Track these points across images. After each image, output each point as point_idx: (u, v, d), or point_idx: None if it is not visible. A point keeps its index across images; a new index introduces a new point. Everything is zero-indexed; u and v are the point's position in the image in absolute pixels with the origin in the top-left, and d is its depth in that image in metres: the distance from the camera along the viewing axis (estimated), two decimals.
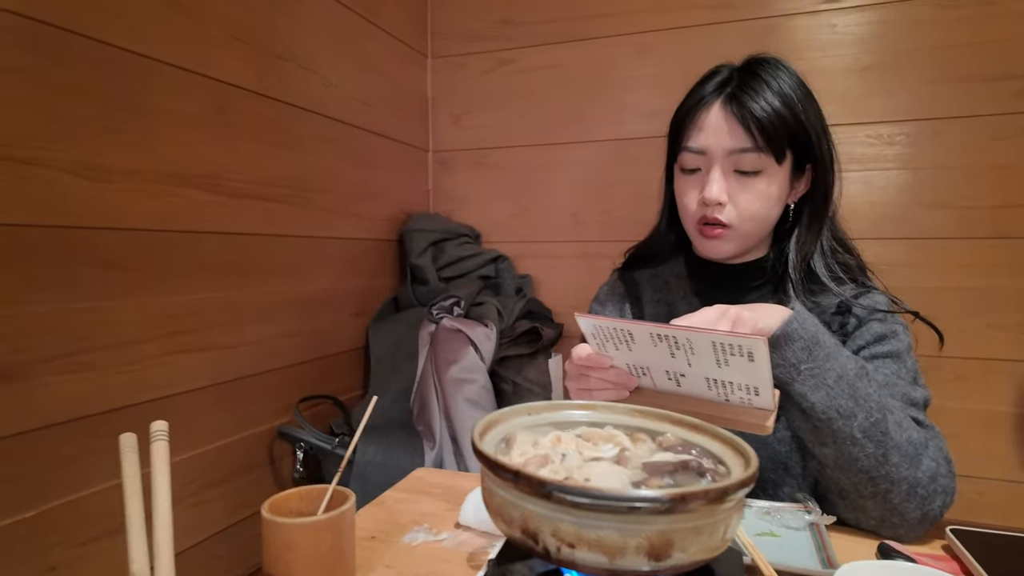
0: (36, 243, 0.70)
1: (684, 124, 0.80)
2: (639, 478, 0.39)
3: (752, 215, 0.77)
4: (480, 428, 0.43)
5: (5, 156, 0.67)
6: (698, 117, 0.78)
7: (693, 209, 0.80)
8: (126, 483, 0.46)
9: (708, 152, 0.77)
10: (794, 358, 0.63)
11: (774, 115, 0.73)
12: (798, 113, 0.75)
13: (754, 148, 0.74)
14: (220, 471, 0.97)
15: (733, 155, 0.75)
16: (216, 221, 0.94)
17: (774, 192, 0.77)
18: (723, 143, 0.76)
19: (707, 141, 0.77)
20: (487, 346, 1.22)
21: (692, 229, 0.82)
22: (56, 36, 0.71)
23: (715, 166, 0.76)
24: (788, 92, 0.75)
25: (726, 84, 0.78)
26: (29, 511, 0.70)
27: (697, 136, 0.78)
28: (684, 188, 0.81)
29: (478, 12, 1.52)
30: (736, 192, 0.76)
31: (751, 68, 0.78)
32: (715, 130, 0.76)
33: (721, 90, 0.77)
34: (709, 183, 0.76)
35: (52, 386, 0.72)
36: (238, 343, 0.99)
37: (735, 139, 0.75)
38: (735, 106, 0.75)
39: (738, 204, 0.76)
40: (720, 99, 0.77)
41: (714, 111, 0.77)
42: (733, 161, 0.76)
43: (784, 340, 0.63)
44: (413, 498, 0.75)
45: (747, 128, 0.74)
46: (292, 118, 1.10)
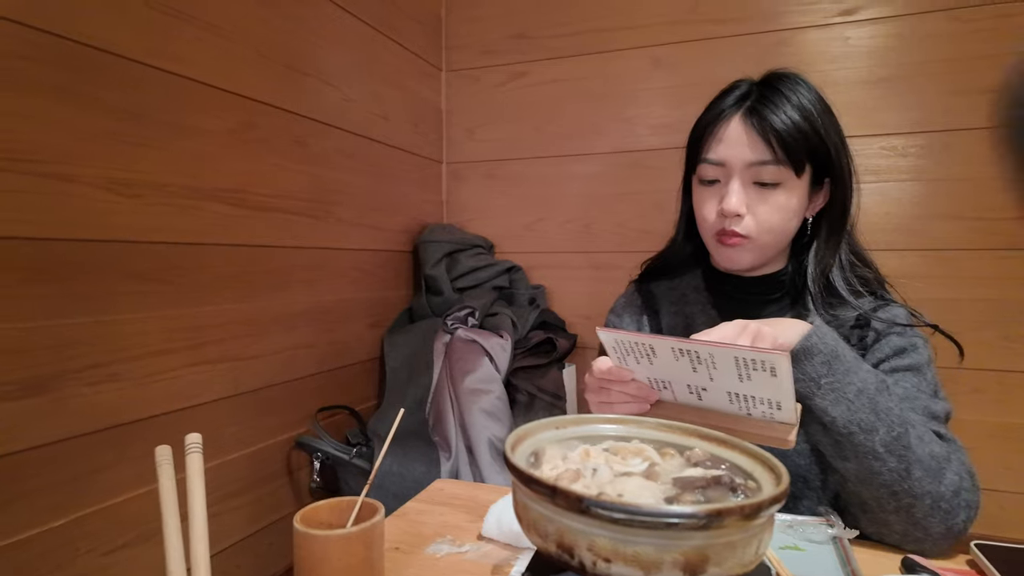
0: (70, 257, 0.72)
1: (703, 136, 0.81)
2: (671, 493, 0.40)
3: (770, 227, 0.77)
4: (511, 442, 0.44)
5: (41, 172, 0.69)
6: (718, 129, 0.78)
7: (711, 220, 0.80)
8: (163, 496, 0.47)
9: (727, 164, 0.78)
10: (814, 372, 0.63)
11: (794, 128, 0.74)
12: (817, 127, 0.76)
13: (774, 161, 0.75)
14: (240, 481, 0.98)
15: (752, 167, 0.76)
16: (240, 234, 0.96)
17: (792, 205, 0.77)
18: (743, 155, 0.76)
19: (727, 153, 0.77)
20: (502, 357, 1.23)
21: (710, 240, 0.82)
22: (89, 55, 0.73)
23: (734, 178, 0.77)
24: (808, 106, 0.76)
25: (746, 97, 0.78)
26: (60, 519, 0.72)
27: (717, 148, 0.78)
28: (702, 199, 0.82)
29: (492, 27, 1.54)
30: (755, 204, 0.77)
31: (771, 82, 0.79)
32: (735, 142, 0.77)
33: (741, 103, 0.78)
34: (728, 195, 0.77)
35: (83, 396, 0.74)
36: (259, 354, 1.01)
37: (755, 151, 0.75)
38: (755, 119, 0.75)
39: (757, 216, 0.77)
40: (740, 112, 0.77)
41: (734, 123, 0.77)
42: (752, 173, 0.76)
43: (804, 354, 0.63)
44: (435, 509, 0.76)
45: (767, 141, 0.74)
46: (314, 132, 1.12)
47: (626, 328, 0.95)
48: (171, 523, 0.46)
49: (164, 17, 0.82)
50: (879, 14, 1.23)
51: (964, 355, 0.79)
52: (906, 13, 1.21)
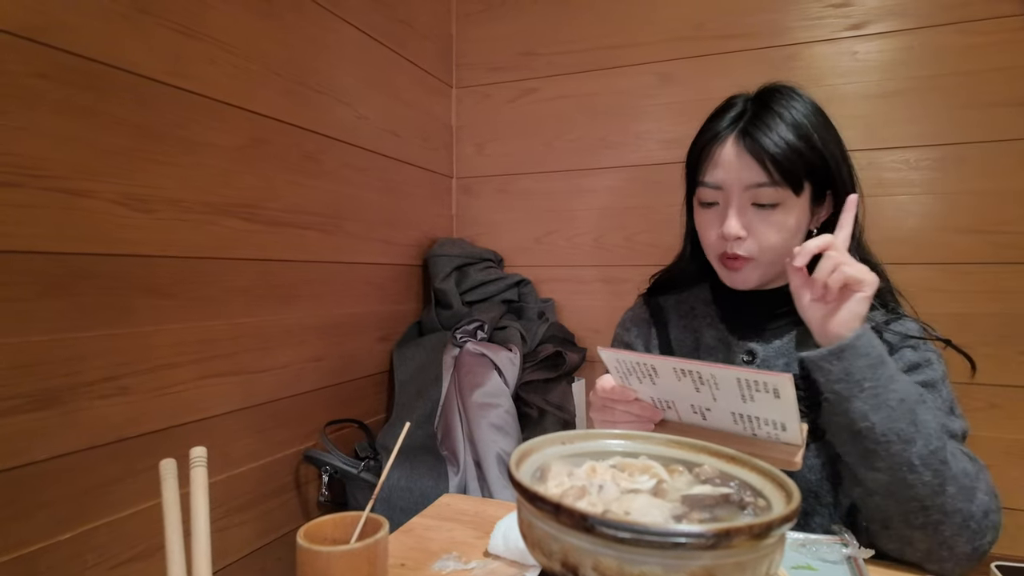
0: (85, 271, 0.73)
1: (700, 159, 0.80)
2: (679, 512, 0.39)
3: (772, 246, 0.77)
4: (516, 458, 0.44)
5: (58, 188, 0.70)
6: (713, 152, 0.78)
7: (713, 242, 0.81)
8: (167, 510, 0.47)
9: (725, 187, 0.77)
10: (859, 374, 0.63)
11: (788, 149, 0.73)
12: (814, 143, 0.75)
13: (770, 183, 0.74)
14: (247, 495, 0.98)
15: (750, 190, 0.76)
16: (251, 248, 0.97)
17: (792, 223, 0.77)
18: (739, 178, 0.76)
19: (723, 177, 0.77)
20: (511, 370, 1.22)
21: (715, 262, 0.83)
22: (107, 74, 0.75)
23: (732, 202, 0.77)
24: (802, 122, 0.75)
25: (739, 118, 0.78)
26: (68, 532, 0.72)
27: (713, 172, 0.78)
28: (704, 222, 0.82)
29: (501, 44, 1.56)
30: (755, 225, 0.77)
31: (764, 100, 0.78)
32: (730, 166, 0.76)
33: (735, 124, 0.77)
34: (728, 219, 0.77)
35: (94, 409, 0.74)
36: (269, 367, 1.01)
37: (751, 174, 0.75)
38: (748, 141, 0.75)
39: (758, 236, 0.77)
40: (734, 134, 0.77)
41: (728, 146, 0.77)
42: (750, 195, 0.76)
43: (851, 353, 0.63)
44: (442, 525, 0.75)
45: (762, 164, 0.74)
46: (326, 149, 1.13)
47: (634, 341, 0.95)
48: (174, 537, 0.46)
49: (179, 36, 0.84)
50: (888, 28, 1.23)
51: (976, 370, 0.78)
52: (916, 27, 1.21)
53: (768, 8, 1.31)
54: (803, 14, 1.28)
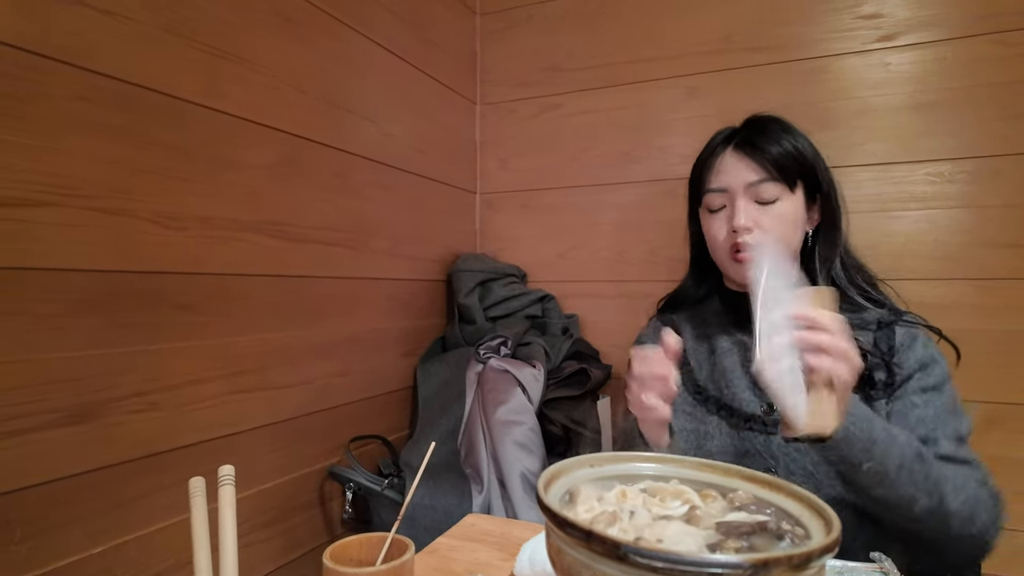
0: (119, 288, 0.75)
1: (703, 171, 0.91)
2: (714, 540, 0.38)
3: (778, 237, 0.84)
4: (544, 481, 0.43)
5: (95, 207, 0.72)
6: (715, 163, 0.89)
7: (722, 240, 0.88)
8: (195, 528, 0.47)
9: (730, 189, 0.86)
10: (854, 459, 0.65)
11: (782, 151, 0.85)
12: (803, 152, 0.86)
13: (770, 178, 0.84)
14: (273, 511, 0.98)
15: (752, 187, 0.85)
16: (280, 265, 0.98)
17: (791, 215, 0.85)
18: (742, 178, 0.85)
19: (727, 180, 0.87)
20: (535, 387, 1.21)
21: (725, 259, 0.88)
22: (141, 95, 0.77)
23: (738, 199, 0.85)
24: (791, 136, 0.87)
25: (734, 135, 0.89)
26: (100, 546, 0.73)
27: (717, 178, 0.88)
28: (712, 225, 0.90)
29: (525, 61, 1.57)
30: (760, 218, 0.85)
31: (753, 122, 0.90)
32: (732, 169, 0.86)
33: (730, 140, 0.89)
34: (736, 213, 0.85)
35: (126, 424, 0.75)
36: (295, 382, 1.02)
37: (752, 173, 0.85)
38: (747, 148, 0.86)
39: (764, 228, 0.84)
40: (731, 146, 0.88)
41: (728, 155, 0.88)
42: (753, 193, 0.85)
43: (844, 443, 0.65)
44: (467, 546, 0.74)
45: (761, 163, 0.84)
46: (353, 166, 1.14)
47: None
48: (202, 556, 0.46)
49: (210, 57, 0.86)
50: (920, 39, 1.20)
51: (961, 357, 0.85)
52: (949, 38, 1.18)
53: (797, 20, 1.30)
54: (833, 26, 1.27)
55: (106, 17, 0.73)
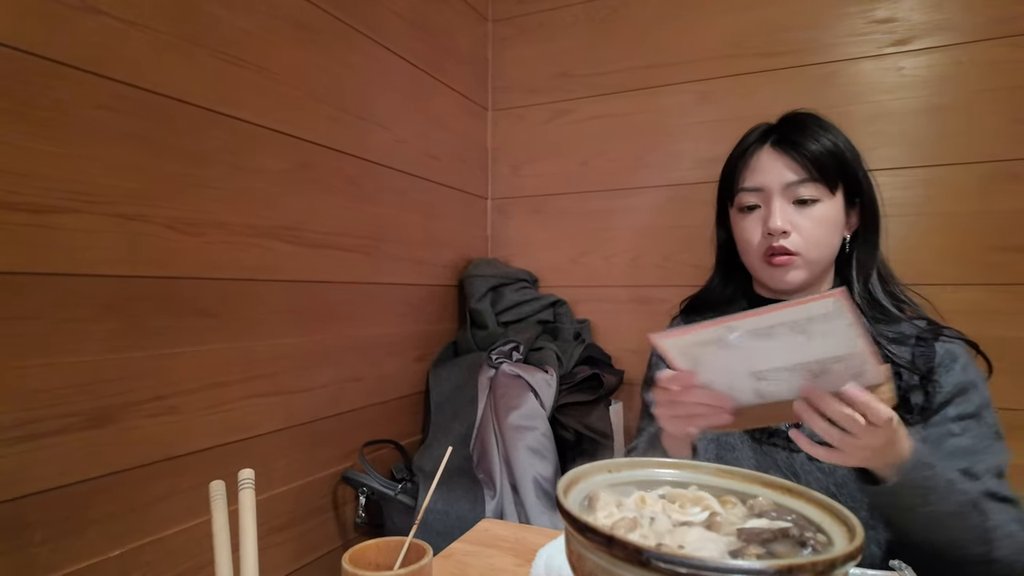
0: (138, 293, 0.75)
1: (736, 168, 0.86)
2: (735, 546, 0.38)
3: (816, 241, 0.80)
4: (563, 486, 0.43)
5: (115, 213, 0.73)
6: (750, 161, 0.84)
7: (757, 243, 0.83)
8: (216, 531, 0.47)
9: (765, 188, 0.82)
10: (910, 503, 0.62)
11: (824, 150, 0.79)
12: (844, 151, 0.81)
13: (810, 178, 0.79)
14: (287, 515, 0.98)
15: (790, 187, 0.80)
16: (294, 270, 0.99)
17: (831, 218, 0.80)
18: (780, 177, 0.80)
19: (763, 178, 0.82)
20: (547, 392, 1.21)
21: (759, 263, 0.83)
22: (161, 103, 0.78)
23: (774, 198, 0.81)
24: (831, 135, 0.81)
25: (770, 132, 0.84)
26: (117, 549, 0.73)
27: (752, 176, 0.83)
28: (745, 226, 0.84)
29: (537, 67, 1.57)
30: (797, 220, 0.80)
31: (791, 118, 0.85)
32: (769, 168, 0.82)
33: (766, 137, 0.84)
34: (772, 214, 0.80)
35: (144, 428, 0.76)
36: (309, 387, 1.02)
37: (790, 173, 0.80)
38: (785, 145, 0.81)
39: (801, 231, 0.80)
40: (768, 143, 0.83)
41: (765, 152, 0.83)
42: (790, 193, 0.80)
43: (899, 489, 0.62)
44: (482, 551, 0.74)
45: (801, 161, 0.79)
46: (366, 172, 1.15)
47: None
48: (223, 559, 0.46)
49: (227, 65, 0.87)
50: (935, 43, 1.20)
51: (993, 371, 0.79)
52: (964, 41, 1.18)
53: (810, 25, 1.30)
54: (846, 30, 1.26)
55: (129, 27, 0.74)
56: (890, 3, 1.23)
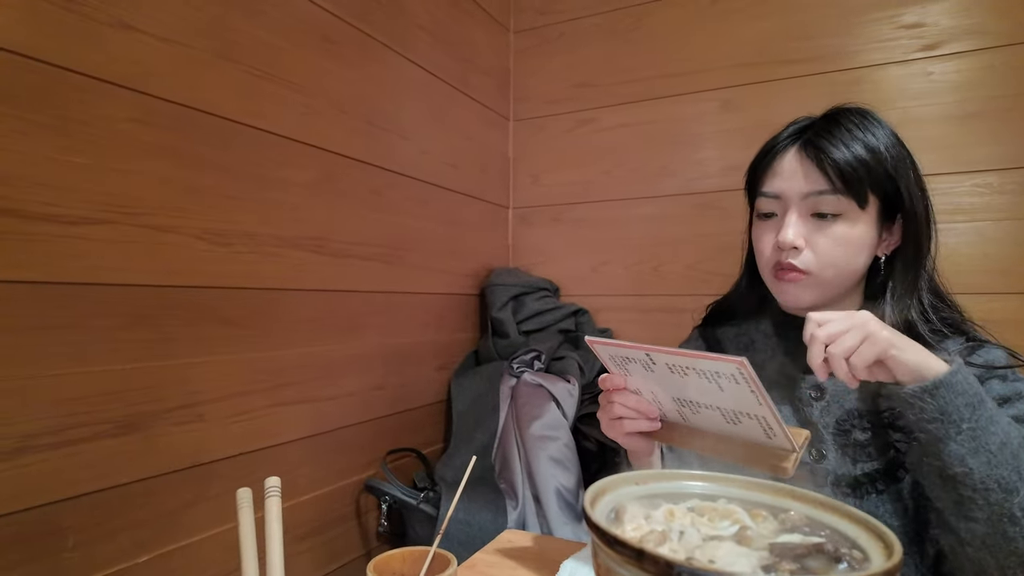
0: (168, 302, 0.77)
1: (759, 170, 0.79)
2: (768, 561, 0.37)
3: (832, 261, 0.73)
4: (589, 498, 0.42)
5: (147, 224, 0.75)
6: (774, 163, 0.77)
7: (768, 254, 0.77)
8: (243, 537, 0.48)
9: (783, 196, 0.75)
10: (956, 414, 0.57)
11: (853, 159, 0.71)
12: (882, 159, 0.71)
13: (831, 190, 0.71)
14: (311, 523, 0.99)
15: (810, 198, 0.73)
16: (319, 279, 1.00)
17: (856, 237, 0.73)
18: (799, 186, 0.74)
19: (783, 185, 0.75)
20: (569, 402, 1.20)
21: (768, 277, 0.79)
22: (192, 116, 0.80)
23: (791, 209, 0.74)
24: (871, 137, 0.72)
25: (804, 131, 0.76)
26: (145, 555, 0.74)
27: (773, 181, 0.76)
28: (760, 234, 0.79)
29: (558, 77, 1.58)
30: (814, 236, 0.73)
31: (833, 116, 0.76)
32: (791, 174, 0.74)
33: (798, 136, 0.76)
34: (784, 227, 0.74)
35: (172, 436, 0.77)
36: (333, 395, 1.03)
37: (811, 182, 0.73)
38: (811, 150, 0.73)
39: (816, 249, 0.73)
40: (796, 144, 0.75)
41: (790, 156, 0.75)
42: (810, 204, 0.73)
43: (947, 390, 0.58)
44: (505, 563, 0.73)
45: (823, 171, 0.71)
46: (390, 183, 1.16)
47: None
48: (250, 566, 0.46)
49: (255, 79, 0.89)
50: (964, 47, 1.18)
51: None
52: (996, 45, 1.15)
53: (834, 32, 1.28)
54: (872, 36, 1.25)
55: (161, 43, 0.76)
56: (918, 8, 1.21)
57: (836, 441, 0.75)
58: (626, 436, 0.69)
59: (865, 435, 0.74)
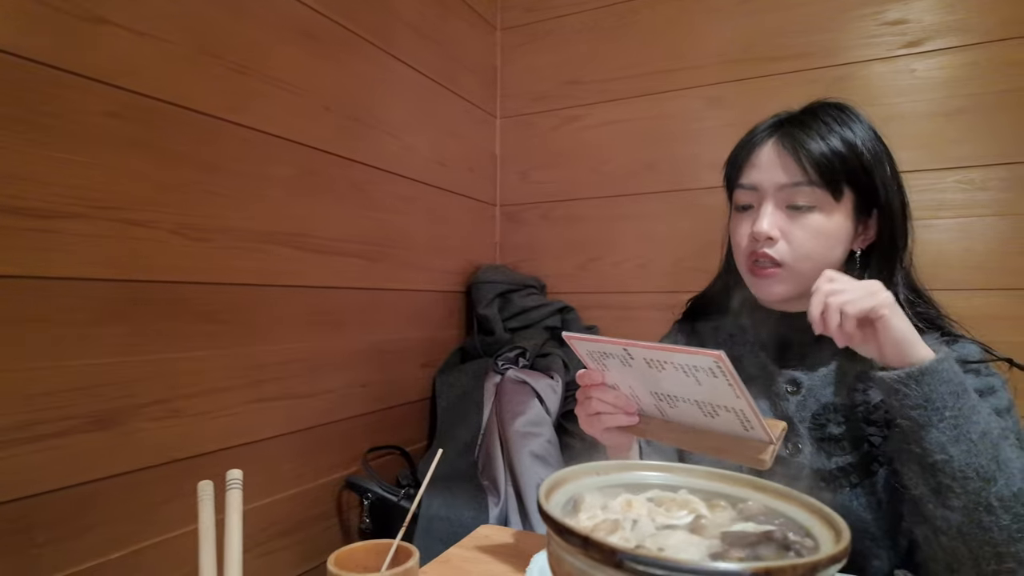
0: (143, 297, 0.77)
1: (737, 162, 0.80)
2: (718, 549, 0.37)
3: (807, 253, 0.73)
4: (546, 488, 0.42)
5: (121, 219, 0.74)
6: (752, 155, 0.77)
7: (744, 245, 0.78)
8: (202, 532, 0.48)
9: (760, 188, 0.76)
10: (940, 401, 0.58)
11: (829, 151, 0.71)
12: (859, 153, 0.72)
13: (806, 182, 0.72)
14: (291, 520, 0.99)
15: (785, 189, 0.73)
16: (300, 276, 0.99)
17: (831, 229, 0.73)
18: (774, 178, 0.74)
19: (759, 177, 0.76)
20: (552, 399, 1.20)
21: (744, 269, 0.79)
22: (168, 111, 0.80)
23: (766, 201, 0.75)
24: (848, 131, 0.73)
25: (782, 124, 0.76)
26: (118, 551, 0.74)
27: (750, 173, 0.77)
28: (736, 225, 0.80)
29: (545, 75, 1.58)
30: (789, 228, 0.74)
31: (811, 110, 0.77)
32: (767, 166, 0.75)
33: (776, 129, 0.76)
34: (760, 217, 0.74)
35: (147, 431, 0.77)
36: (315, 392, 1.03)
37: (787, 173, 0.73)
38: (787, 141, 0.73)
39: (791, 240, 0.73)
40: (774, 137, 0.76)
41: (767, 148, 0.76)
42: (786, 196, 0.74)
43: (932, 377, 0.59)
44: (479, 557, 0.73)
45: (799, 162, 0.72)
46: (374, 179, 1.16)
47: None
48: (207, 561, 0.46)
49: (236, 75, 0.88)
50: (947, 44, 1.18)
51: None
52: (978, 42, 1.15)
53: (819, 28, 1.28)
54: (857, 33, 1.25)
55: (139, 38, 0.76)
56: (901, 5, 1.21)
57: (812, 435, 0.76)
58: (604, 431, 0.70)
59: (840, 429, 0.74)
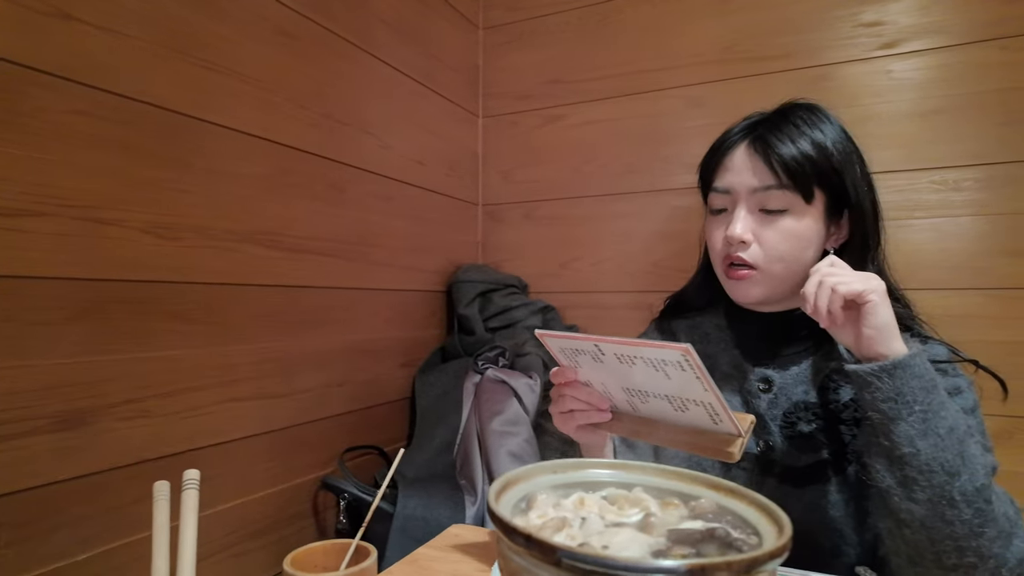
0: (112, 296, 0.76)
1: (711, 166, 0.81)
2: (662, 547, 0.37)
3: (780, 255, 0.75)
4: (498, 487, 0.42)
5: (89, 217, 0.74)
6: (725, 158, 0.79)
7: (719, 248, 0.79)
8: (156, 533, 0.47)
9: (733, 191, 0.77)
10: (910, 395, 0.60)
11: (799, 154, 0.73)
12: (829, 155, 0.74)
13: (778, 185, 0.73)
14: (265, 520, 0.98)
15: (757, 193, 0.75)
16: (274, 275, 0.99)
17: (802, 231, 0.74)
18: (747, 181, 0.75)
19: (732, 180, 0.77)
20: (530, 398, 1.20)
21: (720, 272, 0.81)
22: (138, 109, 0.79)
23: (740, 204, 0.76)
24: (818, 133, 0.74)
25: (754, 127, 0.78)
26: (87, 552, 0.73)
27: (723, 176, 0.78)
28: (711, 229, 0.82)
29: (527, 74, 1.58)
30: (761, 230, 0.75)
31: (782, 112, 0.79)
32: (740, 169, 0.76)
33: (749, 132, 0.78)
34: (733, 221, 0.76)
35: (116, 431, 0.77)
36: (291, 392, 1.02)
37: (759, 177, 0.75)
38: (759, 145, 0.75)
39: (764, 243, 0.75)
40: (747, 140, 0.77)
41: (739, 151, 0.77)
42: (758, 200, 0.75)
43: (904, 372, 0.60)
44: (447, 556, 0.73)
45: (770, 166, 0.73)
46: (351, 178, 1.16)
47: None
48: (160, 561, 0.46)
49: (206, 72, 0.88)
50: (923, 46, 1.19)
51: (1008, 393, 0.74)
52: (953, 44, 1.16)
53: (797, 29, 1.29)
54: (834, 34, 1.26)
55: (103, 34, 0.75)
56: (877, 6, 1.22)
57: (783, 432, 0.76)
58: (578, 429, 0.70)
59: (811, 427, 0.75)
